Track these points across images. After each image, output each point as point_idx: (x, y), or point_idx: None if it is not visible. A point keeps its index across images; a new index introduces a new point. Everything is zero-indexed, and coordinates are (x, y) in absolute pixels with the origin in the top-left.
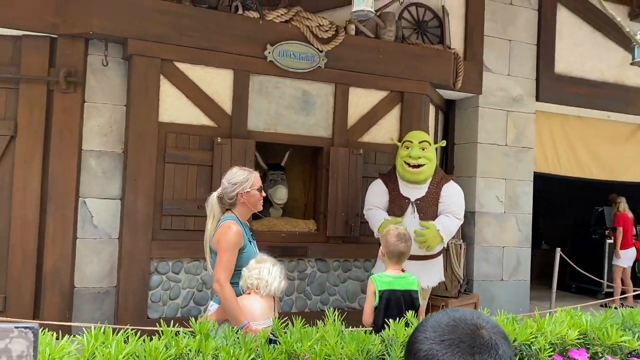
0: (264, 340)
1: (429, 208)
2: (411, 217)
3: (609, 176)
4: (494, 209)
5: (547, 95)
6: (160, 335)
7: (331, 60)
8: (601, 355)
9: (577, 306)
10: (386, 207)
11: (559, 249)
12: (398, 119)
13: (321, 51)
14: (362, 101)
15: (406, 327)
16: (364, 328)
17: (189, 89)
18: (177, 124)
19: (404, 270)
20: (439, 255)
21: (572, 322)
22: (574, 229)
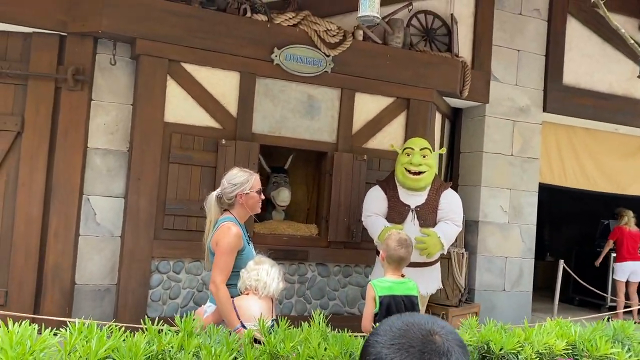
0: (247, 339)
1: (428, 215)
2: (411, 225)
3: (615, 189)
4: (497, 218)
5: (554, 106)
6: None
7: (338, 65)
8: None
9: (579, 319)
10: (385, 214)
11: (562, 261)
12: (404, 125)
13: (328, 56)
14: (367, 107)
15: None
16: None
17: (195, 90)
18: (183, 124)
19: (403, 276)
20: (437, 262)
21: (560, 332)
22: (579, 241)
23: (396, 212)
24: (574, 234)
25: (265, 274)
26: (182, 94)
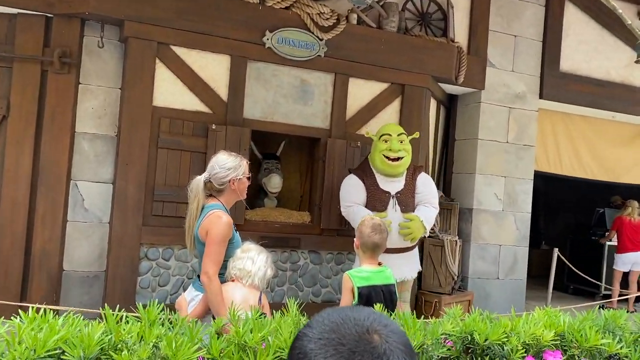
0: (214, 330)
1: (408, 200)
2: (393, 211)
3: (611, 177)
4: (492, 206)
5: (551, 93)
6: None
7: (331, 49)
8: (578, 359)
9: (570, 307)
10: (364, 203)
11: (556, 249)
12: (398, 112)
13: (321, 39)
14: (361, 92)
15: None
16: None
17: (184, 73)
18: (172, 108)
19: (380, 264)
20: (416, 246)
21: (548, 322)
22: (574, 229)
23: (377, 200)
24: (569, 222)
25: (250, 262)
26: (171, 78)
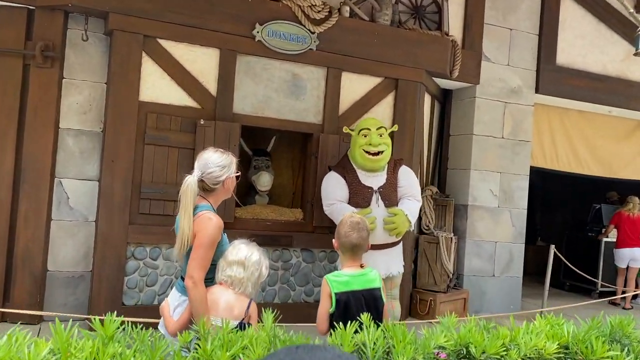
0: (179, 346)
1: (391, 194)
2: (376, 206)
3: (607, 173)
4: (487, 202)
5: (547, 88)
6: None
7: (323, 42)
8: None
9: (572, 306)
10: (347, 199)
11: (553, 246)
12: (392, 106)
13: (313, 32)
14: (354, 87)
15: (359, 331)
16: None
17: (172, 67)
18: (159, 103)
19: (362, 266)
20: (401, 241)
21: (551, 332)
22: (570, 226)
23: (360, 196)
24: (565, 218)
25: (241, 269)
26: (158, 72)
